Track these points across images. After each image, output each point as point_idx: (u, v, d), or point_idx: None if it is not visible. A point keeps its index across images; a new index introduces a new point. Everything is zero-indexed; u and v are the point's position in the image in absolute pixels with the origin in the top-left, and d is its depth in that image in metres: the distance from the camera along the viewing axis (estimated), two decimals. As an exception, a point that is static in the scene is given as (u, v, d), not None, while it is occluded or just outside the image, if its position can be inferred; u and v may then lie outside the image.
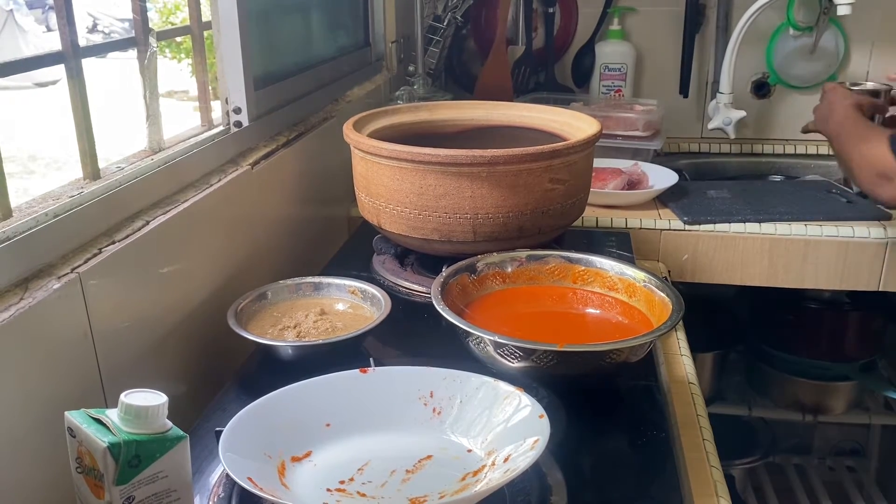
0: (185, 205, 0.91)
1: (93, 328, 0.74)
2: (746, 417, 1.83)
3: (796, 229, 1.38)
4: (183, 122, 1.17)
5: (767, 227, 1.39)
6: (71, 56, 0.79)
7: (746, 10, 1.72)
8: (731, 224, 1.40)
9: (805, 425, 1.85)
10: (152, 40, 0.93)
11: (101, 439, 0.57)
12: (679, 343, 1.07)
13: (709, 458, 0.84)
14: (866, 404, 1.79)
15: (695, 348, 1.08)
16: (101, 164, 0.85)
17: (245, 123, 1.09)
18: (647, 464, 0.77)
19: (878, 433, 1.87)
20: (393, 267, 1.13)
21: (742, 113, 1.79)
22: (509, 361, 0.79)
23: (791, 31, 1.88)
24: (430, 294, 0.89)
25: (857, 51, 1.89)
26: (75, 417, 0.60)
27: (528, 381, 0.77)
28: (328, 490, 0.65)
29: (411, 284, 1.09)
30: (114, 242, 0.79)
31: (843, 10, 1.59)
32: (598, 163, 1.40)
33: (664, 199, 1.50)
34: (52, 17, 0.84)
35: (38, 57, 0.81)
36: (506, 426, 0.69)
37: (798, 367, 1.81)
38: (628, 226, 1.41)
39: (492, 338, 0.78)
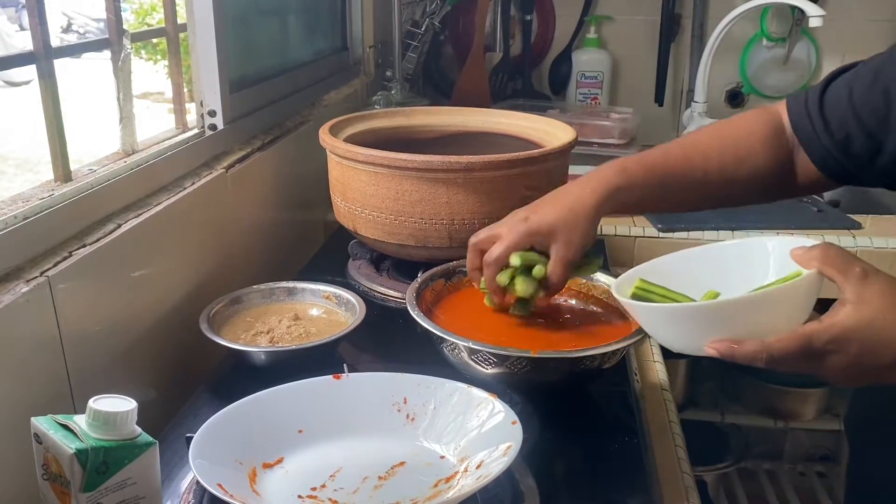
0: (158, 208, 0.90)
1: (62, 333, 0.73)
2: (719, 423, 1.85)
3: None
4: (158, 123, 1.16)
5: (740, 235, 1.40)
6: (42, 56, 0.78)
7: (721, 21, 1.75)
8: (705, 231, 1.41)
9: (777, 431, 1.87)
10: (126, 42, 0.92)
11: (69, 446, 0.56)
12: (652, 349, 1.07)
13: (681, 464, 0.84)
14: (837, 410, 1.82)
15: (668, 355, 1.09)
16: (74, 166, 0.84)
17: (220, 126, 1.08)
18: (620, 469, 0.77)
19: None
20: (368, 272, 1.13)
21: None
22: (483, 367, 0.79)
23: (765, 41, 1.91)
24: (405, 299, 0.88)
25: (829, 61, 1.92)
26: (42, 423, 0.59)
27: (502, 387, 0.78)
28: (299, 497, 0.65)
29: (387, 290, 1.09)
30: (84, 246, 0.78)
31: (815, 22, 1.62)
32: (574, 170, 1.41)
33: (639, 206, 1.50)
34: (26, 17, 0.82)
35: (9, 57, 0.80)
36: (479, 432, 0.69)
37: (770, 374, 1.82)
38: (603, 232, 1.42)
39: (466, 344, 0.78)
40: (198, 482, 0.65)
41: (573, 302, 0.95)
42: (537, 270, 0.82)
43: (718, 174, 0.86)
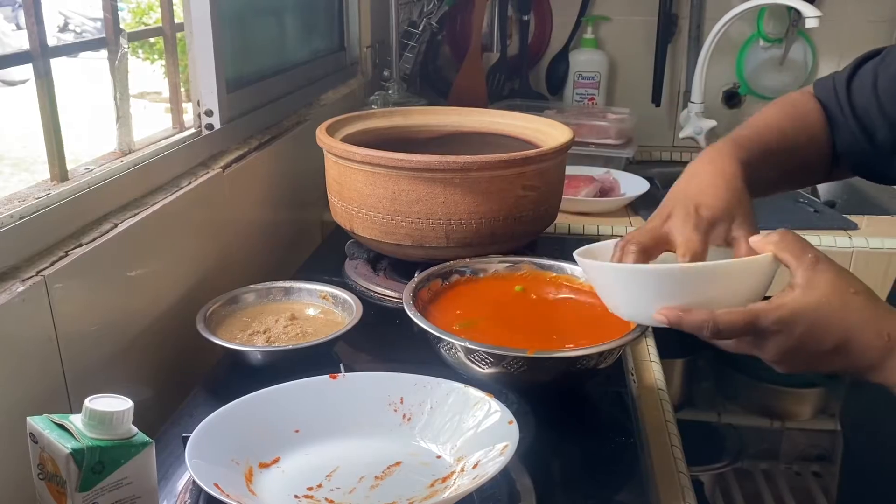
0: (155, 207, 0.90)
1: (58, 332, 0.73)
2: (715, 423, 1.85)
3: (765, 238, 1.40)
4: (155, 123, 1.15)
5: (737, 236, 1.40)
6: (39, 56, 0.78)
7: (718, 21, 1.75)
8: (702, 232, 1.41)
9: (773, 431, 1.87)
10: (123, 41, 0.92)
11: (65, 445, 0.56)
12: (649, 349, 1.07)
13: (677, 463, 0.84)
14: (833, 410, 1.82)
15: (664, 355, 1.09)
16: (70, 165, 0.84)
17: (217, 126, 1.08)
18: (616, 469, 0.77)
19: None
20: (365, 272, 1.13)
21: (713, 122, 1.82)
22: (480, 367, 0.79)
23: (761, 42, 1.91)
24: (402, 299, 0.88)
25: (825, 62, 1.92)
26: (38, 423, 0.59)
27: (499, 387, 0.78)
28: (296, 496, 0.65)
29: (383, 290, 1.09)
30: (81, 245, 0.78)
31: (811, 23, 1.62)
32: (571, 170, 1.41)
33: (636, 206, 1.51)
34: (22, 16, 0.82)
35: (6, 56, 0.80)
36: (475, 432, 0.69)
37: (766, 374, 1.82)
38: (600, 233, 1.42)
39: (462, 343, 0.78)
40: (194, 482, 0.64)
41: (570, 300, 0.95)
42: None
43: (794, 151, 0.82)
